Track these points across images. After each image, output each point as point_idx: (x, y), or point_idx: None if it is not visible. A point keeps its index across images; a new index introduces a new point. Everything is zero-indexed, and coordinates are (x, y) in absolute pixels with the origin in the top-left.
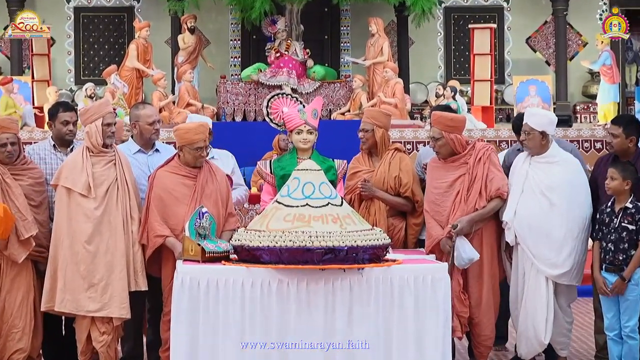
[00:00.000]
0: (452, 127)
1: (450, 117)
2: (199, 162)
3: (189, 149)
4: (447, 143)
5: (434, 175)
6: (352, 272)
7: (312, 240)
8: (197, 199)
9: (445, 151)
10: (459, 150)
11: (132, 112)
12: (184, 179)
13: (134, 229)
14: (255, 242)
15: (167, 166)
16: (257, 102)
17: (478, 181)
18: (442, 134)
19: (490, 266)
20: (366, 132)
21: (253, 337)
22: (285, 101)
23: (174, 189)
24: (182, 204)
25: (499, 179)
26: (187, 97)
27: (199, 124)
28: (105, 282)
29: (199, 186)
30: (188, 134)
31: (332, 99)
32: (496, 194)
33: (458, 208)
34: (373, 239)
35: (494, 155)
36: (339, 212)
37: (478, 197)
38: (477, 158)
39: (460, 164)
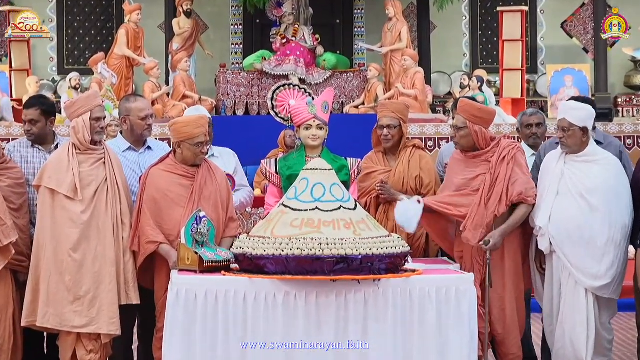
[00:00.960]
0: (478, 119)
1: (478, 107)
2: (199, 160)
3: (189, 144)
4: (469, 134)
5: (454, 169)
6: (367, 283)
7: (322, 248)
8: (195, 202)
9: (466, 143)
10: (481, 145)
11: (121, 105)
12: (180, 178)
13: (125, 236)
14: (259, 250)
15: (162, 164)
16: (260, 94)
17: (500, 183)
18: (466, 123)
19: (514, 276)
20: (393, 129)
21: (256, 356)
22: (292, 93)
23: (169, 190)
24: (178, 206)
25: (522, 182)
26: (182, 88)
27: (199, 116)
28: (92, 295)
29: (197, 187)
30: (187, 127)
31: (344, 91)
32: (517, 199)
33: (477, 213)
34: (390, 246)
35: (520, 155)
36: (352, 216)
37: (498, 202)
38: (501, 157)
39: (481, 161)
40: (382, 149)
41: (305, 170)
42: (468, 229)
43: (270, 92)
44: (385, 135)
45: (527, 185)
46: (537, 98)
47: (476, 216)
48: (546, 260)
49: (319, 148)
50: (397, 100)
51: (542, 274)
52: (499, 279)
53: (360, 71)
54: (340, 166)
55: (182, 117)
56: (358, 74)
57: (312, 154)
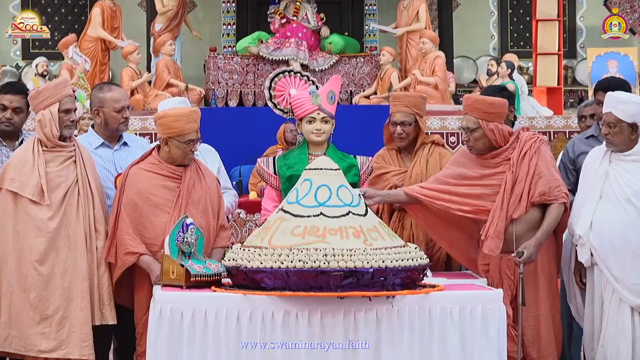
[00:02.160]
0: (491, 115)
1: (489, 101)
2: (187, 160)
3: (178, 142)
4: (484, 135)
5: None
6: (380, 301)
7: (327, 259)
8: (182, 206)
9: (482, 145)
10: (500, 143)
11: (94, 95)
12: (165, 179)
13: (99, 245)
14: (254, 262)
15: (143, 163)
16: (256, 82)
17: (520, 182)
18: (478, 123)
19: (549, 291)
20: (407, 126)
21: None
22: (293, 81)
23: (152, 193)
24: (162, 212)
25: (545, 180)
26: (166, 75)
27: (191, 110)
28: (62, 314)
29: (185, 189)
30: (178, 122)
31: (353, 78)
32: (539, 200)
33: (499, 217)
34: (406, 258)
35: (544, 148)
36: (362, 223)
37: (517, 203)
38: (522, 152)
39: (501, 160)
40: (395, 146)
41: (308, 170)
42: (490, 238)
43: (267, 80)
44: (399, 134)
45: (551, 184)
46: (576, 87)
47: (499, 221)
48: (587, 274)
49: (324, 144)
50: (412, 92)
51: (582, 290)
52: (532, 294)
53: (371, 56)
54: (349, 165)
55: (171, 110)
56: (369, 59)
57: (316, 152)
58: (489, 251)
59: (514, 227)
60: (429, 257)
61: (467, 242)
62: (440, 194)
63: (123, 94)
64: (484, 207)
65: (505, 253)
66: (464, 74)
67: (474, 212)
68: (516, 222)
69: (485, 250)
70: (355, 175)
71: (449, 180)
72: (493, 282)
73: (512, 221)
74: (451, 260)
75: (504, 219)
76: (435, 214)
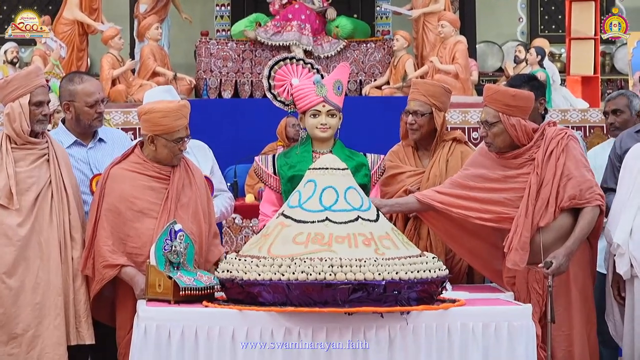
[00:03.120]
0: (513, 108)
1: (511, 93)
2: (176, 160)
3: (166, 140)
4: (504, 131)
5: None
6: (393, 317)
7: (334, 270)
8: (171, 211)
9: (501, 142)
10: (522, 140)
11: (63, 88)
12: (151, 181)
13: (75, 255)
14: (251, 274)
15: (126, 163)
16: (254, 71)
17: (547, 185)
18: (499, 117)
19: (583, 307)
20: (420, 117)
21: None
22: (295, 69)
23: (137, 196)
24: (148, 217)
25: (575, 181)
26: (152, 63)
27: (180, 104)
28: (33, 333)
29: (173, 192)
30: (166, 118)
31: (363, 66)
32: (570, 205)
33: (523, 226)
34: (423, 269)
35: (573, 145)
36: (373, 230)
37: (544, 209)
38: (548, 151)
39: (524, 160)
40: (412, 142)
41: (313, 169)
42: (514, 250)
43: (266, 68)
44: (410, 124)
45: (582, 185)
46: (615, 75)
47: (523, 231)
48: (626, 287)
49: (330, 141)
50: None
51: (620, 305)
52: (564, 310)
53: (383, 41)
54: (358, 164)
55: (159, 105)
56: (381, 44)
57: (321, 149)
58: (512, 265)
59: (541, 236)
60: (449, 268)
61: (491, 251)
62: (457, 200)
63: (97, 86)
64: (507, 215)
65: (532, 265)
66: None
67: (496, 220)
68: (544, 230)
69: (509, 264)
70: (365, 176)
71: (468, 183)
72: (520, 296)
73: (539, 230)
74: (473, 272)
75: (529, 227)
76: (454, 221)
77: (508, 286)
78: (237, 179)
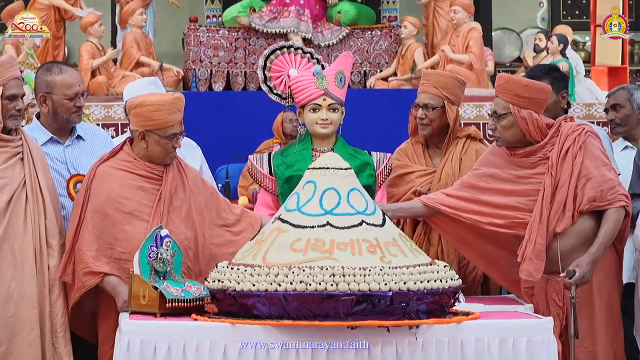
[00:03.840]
0: (525, 100)
1: (524, 83)
2: (169, 158)
3: (159, 136)
4: (515, 124)
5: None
6: (401, 332)
7: (335, 280)
8: (164, 214)
9: (511, 137)
10: (534, 136)
11: (40, 79)
12: (142, 180)
13: (52, 264)
14: (245, 284)
15: (114, 160)
16: (247, 61)
17: (563, 187)
18: (509, 108)
19: (609, 320)
20: (431, 111)
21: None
22: (293, 59)
23: (126, 197)
24: (139, 220)
25: (596, 181)
26: (136, 52)
27: (174, 97)
28: (5, 349)
29: (166, 193)
30: (159, 112)
31: (368, 56)
32: (590, 208)
33: (537, 233)
34: (434, 278)
35: (591, 142)
36: (379, 235)
37: (561, 213)
38: (563, 149)
39: (538, 159)
40: (422, 139)
41: (312, 169)
42: (528, 260)
43: (261, 58)
44: (420, 119)
45: (602, 186)
46: None
47: (538, 238)
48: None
49: (332, 138)
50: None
51: None
52: (587, 324)
53: (390, 28)
54: (362, 164)
55: (151, 97)
56: (387, 31)
57: (322, 147)
58: (527, 276)
59: (558, 242)
60: (462, 278)
61: (508, 259)
62: (466, 204)
63: (77, 77)
64: (520, 220)
65: (551, 274)
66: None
67: (509, 226)
68: (562, 236)
69: (523, 275)
70: (370, 176)
71: (478, 184)
72: (539, 309)
73: (557, 236)
74: (489, 281)
75: (544, 234)
76: (466, 225)
77: (526, 297)
78: (229, 180)
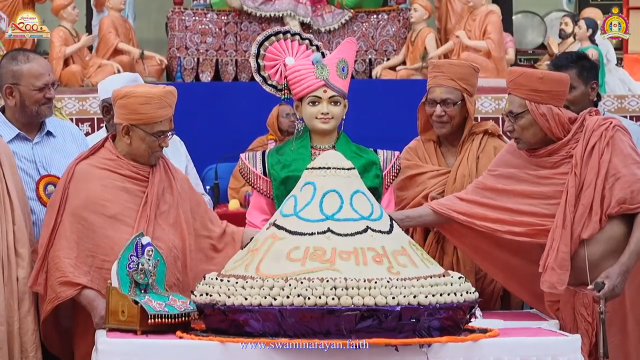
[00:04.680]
0: (543, 94)
1: (538, 75)
2: (154, 158)
3: (145, 132)
4: (534, 123)
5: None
6: (411, 351)
7: (337, 294)
8: (150, 219)
9: (532, 137)
10: (557, 133)
11: (5, 68)
12: (126, 181)
13: (20, 275)
14: (236, 298)
15: (95, 158)
16: (239, 48)
17: (589, 188)
18: (525, 105)
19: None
20: (452, 106)
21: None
22: (290, 46)
23: (109, 199)
24: (123, 224)
25: (625, 181)
26: (114, 38)
27: (166, 90)
28: None
29: (153, 196)
30: (147, 105)
31: (373, 42)
32: (620, 211)
33: (560, 240)
34: (447, 291)
35: (619, 137)
36: (386, 243)
37: (587, 217)
38: (588, 146)
39: (561, 158)
40: (434, 137)
41: (311, 169)
42: (550, 270)
43: (254, 44)
44: (438, 116)
45: (633, 186)
46: None
47: (561, 245)
48: None
49: (333, 134)
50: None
51: None
52: (619, 343)
53: (398, 11)
54: (367, 163)
55: (139, 87)
56: (395, 15)
57: (322, 144)
58: (548, 288)
59: (585, 249)
60: (479, 291)
61: (530, 270)
62: (482, 210)
63: (46, 66)
64: (542, 226)
65: (578, 286)
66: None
67: (530, 234)
68: (589, 243)
69: (544, 287)
70: (376, 177)
71: (495, 186)
72: (565, 325)
73: (583, 242)
74: (509, 295)
75: (568, 241)
76: (481, 234)
77: (551, 312)
78: (218, 181)
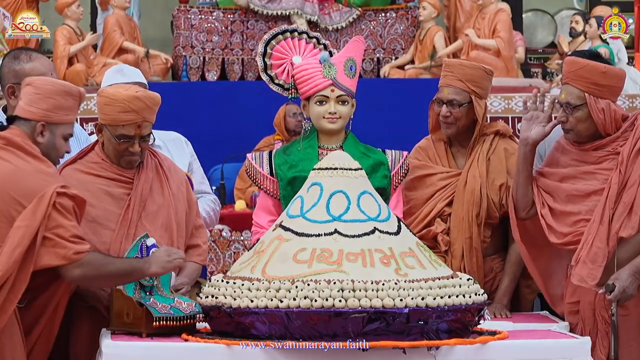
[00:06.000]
0: (603, 89)
1: (602, 69)
2: (123, 162)
3: (111, 134)
4: (589, 116)
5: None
6: (419, 353)
7: (344, 296)
8: (132, 221)
9: (585, 130)
10: (609, 129)
11: (7, 67)
12: (111, 185)
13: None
14: (242, 300)
15: (81, 163)
16: (245, 47)
17: (632, 187)
18: (584, 98)
19: None
20: (457, 108)
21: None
22: (297, 44)
23: (92, 204)
24: (105, 228)
25: None
26: (118, 37)
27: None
28: None
29: (137, 198)
30: (109, 107)
31: (381, 41)
32: None
33: (596, 234)
34: (456, 293)
35: None
36: (393, 245)
37: (626, 216)
38: (637, 146)
39: (606, 154)
40: (444, 136)
41: (318, 170)
42: (581, 263)
43: (261, 43)
44: (445, 116)
45: None
46: None
47: (596, 240)
48: None
49: (341, 134)
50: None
51: None
52: (636, 348)
53: (407, 10)
54: (375, 163)
55: (111, 89)
56: (404, 13)
57: (330, 144)
58: (578, 281)
59: (617, 250)
60: (488, 293)
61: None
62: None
63: (48, 66)
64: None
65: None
66: (538, 34)
67: (569, 243)
68: (623, 244)
69: (575, 279)
70: (384, 178)
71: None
72: (584, 327)
73: (619, 242)
74: (519, 297)
75: (604, 237)
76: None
77: (569, 314)
78: (224, 182)
